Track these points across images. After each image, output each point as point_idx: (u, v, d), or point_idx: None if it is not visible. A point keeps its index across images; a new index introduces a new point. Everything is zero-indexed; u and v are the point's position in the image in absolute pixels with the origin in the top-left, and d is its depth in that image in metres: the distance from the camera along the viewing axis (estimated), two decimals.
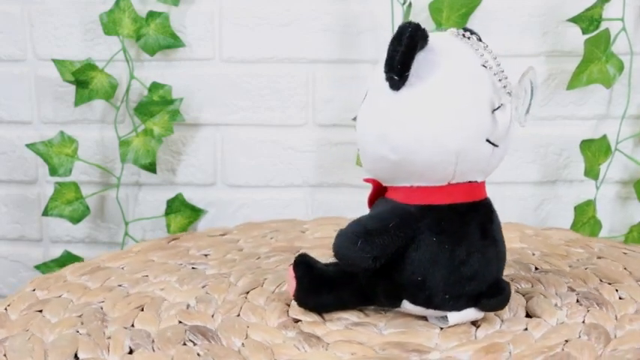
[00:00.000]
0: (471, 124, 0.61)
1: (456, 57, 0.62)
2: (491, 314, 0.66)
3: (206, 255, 0.85)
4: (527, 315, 0.68)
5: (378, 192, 0.66)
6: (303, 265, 0.67)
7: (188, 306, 0.70)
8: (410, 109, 0.60)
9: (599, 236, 1.03)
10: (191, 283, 0.76)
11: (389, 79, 0.60)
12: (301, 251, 0.73)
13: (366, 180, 0.67)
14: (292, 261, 0.68)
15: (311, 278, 0.67)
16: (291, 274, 0.67)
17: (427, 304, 0.63)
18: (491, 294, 0.63)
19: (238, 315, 0.69)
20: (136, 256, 0.85)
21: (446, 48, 0.62)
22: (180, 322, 0.67)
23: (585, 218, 1.03)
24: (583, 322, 0.66)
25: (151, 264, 0.82)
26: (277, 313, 0.68)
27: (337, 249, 0.61)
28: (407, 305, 0.64)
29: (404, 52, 0.59)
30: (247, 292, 0.73)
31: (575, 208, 1.02)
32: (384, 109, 0.61)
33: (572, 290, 0.72)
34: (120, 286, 0.76)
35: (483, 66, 0.62)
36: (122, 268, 0.81)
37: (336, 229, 0.63)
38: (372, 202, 0.66)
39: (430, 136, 0.60)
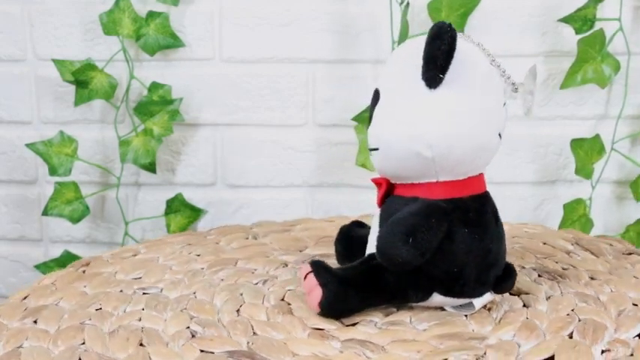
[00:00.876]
0: (496, 119, 0.64)
1: (475, 56, 0.64)
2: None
3: (137, 278, 0.77)
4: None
5: (388, 191, 0.67)
6: (325, 270, 0.64)
7: (194, 334, 0.63)
8: (447, 107, 0.62)
9: (591, 235, 1.03)
10: (167, 309, 0.69)
11: (430, 77, 0.62)
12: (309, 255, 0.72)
13: (376, 180, 0.67)
14: (302, 270, 0.65)
15: (338, 283, 0.64)
16: (312, 282, 0.64)
17: (460, 294, 0.65)
18: (506, 277, 0.66)
19: (255, 334, 0.63)
20: (63, 291, 0.74)
21: (463, 48, 0.63)
22: (211, 351, 0.60)
23: (575, 216, 1.03)
24: (561, 293, 0.71)
25: (87, 296, 0.72)
26: (299, 324, 0.64)
27: (387, 250, 0.61)
28: (436, 297, 0.66)
29: (447, 51, 0.60)
30: (238, 310, 0.68)
31: (564, 206, 1.03)
32: (418, 108, 0.62)
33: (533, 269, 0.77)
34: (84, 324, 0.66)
35: (491, 64, 0.65)
36: (56, 304, 0.70)
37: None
38: (382, 200, 0.67)
39: (466, 132, 0.62)
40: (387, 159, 0.65)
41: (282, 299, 0.70)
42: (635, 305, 0.67)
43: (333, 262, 0.73)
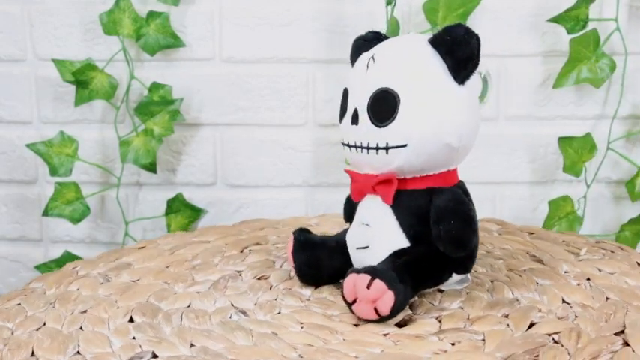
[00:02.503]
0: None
1: None
2: None
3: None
4: None
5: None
6: (389, 273, 0.64)
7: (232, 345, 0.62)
8: (470, 100, 0.68)
9: (582, 233, 1.04)
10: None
11: (466, 75, 0.66)
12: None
13: (386, 177, 0.68)
14: (361, 278, 0.64)
15: (401, 283, 0.64)
16: (381, 287, 0.63)
17: (468, 270, 0.71)
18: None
19: (276, 335, 0.64)
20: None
21: None
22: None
23: (562, 214, 1.03)
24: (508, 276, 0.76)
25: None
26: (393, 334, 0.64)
27: (465, 241, 0.66)
28: (454, 277, 0.71)
29: (479, 48, 0.66)
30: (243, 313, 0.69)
31: (550, 202, 1.03)
32: (450, 102, 0.66)
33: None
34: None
35: None
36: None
37: None
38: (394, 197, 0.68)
39: (479, 122, 0.70)
40: (416, 154, 0.66)
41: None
42: None
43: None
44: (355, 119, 0.67)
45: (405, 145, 0.66)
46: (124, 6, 1.02)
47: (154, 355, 0.60)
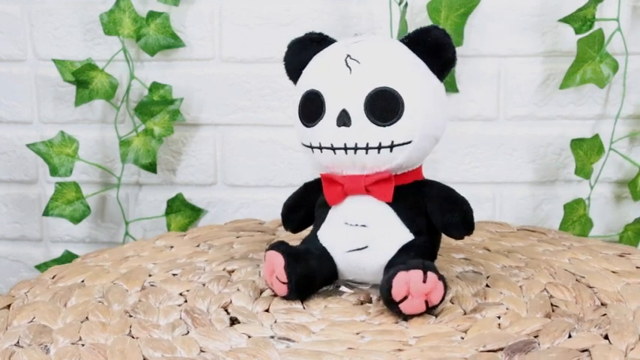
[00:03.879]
0: None
1: None
2: None
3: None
4: None
5: None
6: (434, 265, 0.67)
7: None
8: (444, 96, 0.71)
9: (589, 235, 1.04)
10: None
11: (447, 74, 0.71)
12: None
13: (381, 177, 0.68)
14: (414, 274, 0.65)
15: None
16: (434, 279, 0.65)
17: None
18: None
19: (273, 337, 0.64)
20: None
21: None
22: None
23: (575, 217, 1.03)
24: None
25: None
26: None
27: (473, 223, 0.71)
28: None
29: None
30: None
31: (565, 206, 1.03)
32: (437, 97, 0.70)
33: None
34: None
35: None
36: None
37: None
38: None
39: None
40: (417, 150, 0.69)
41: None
42: None
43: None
44: (345, 120, 0.67)
45: (409, 142, 0.67)
46: (124, 6, 1.02)
47: None
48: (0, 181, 1.11)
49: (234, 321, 0.67)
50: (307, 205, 0.75)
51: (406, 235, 0.69)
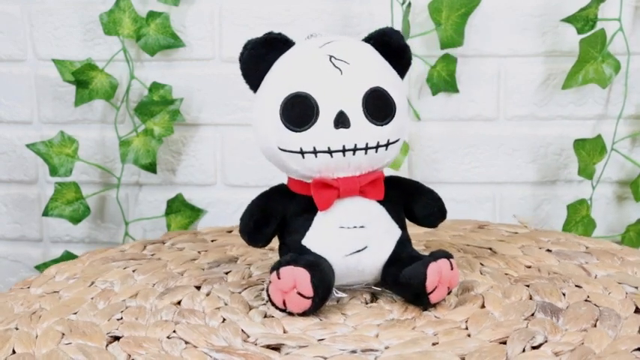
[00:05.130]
0: None
1: None
2: None
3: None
4: None
5: None
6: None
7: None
8: None
9: (592, 235, 1.03)
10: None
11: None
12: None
13: (375, 176, 0.69)
14: (443, 263, 0.66)
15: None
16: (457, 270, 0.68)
17: None
18: None
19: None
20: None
21: None
22: None
23: (578, 217, 1.03)
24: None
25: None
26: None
27: (445, 209, 0.73)
28: None
29: None
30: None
31: (568, 207, 1.03)
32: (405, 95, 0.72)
33: None
34: None
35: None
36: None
37: None
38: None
39: None
40: (400, 146, 0.70)
41: None
42: None
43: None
44: (343, 122, 0.66)
45: (398, 140, 0.69)
46: (124, 6, 1.02)
47: None
48: (0, 181, 1.11)
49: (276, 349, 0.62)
50: (276, 217, 0.70)
51: (397, 231, 0.70)
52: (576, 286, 0.72)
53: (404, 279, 0.67)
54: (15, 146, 1.09)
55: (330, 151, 0.66)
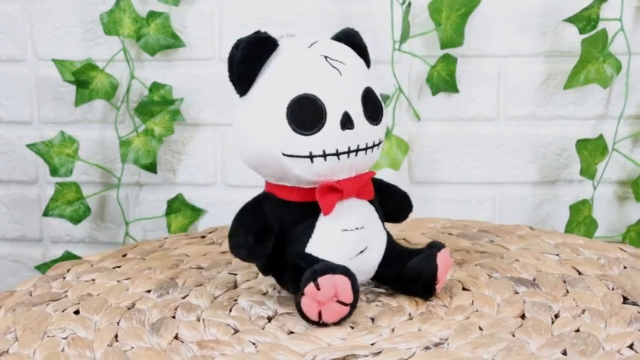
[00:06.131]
0: None
1: None
2: None
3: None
4: None
5: None
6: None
7: None
8: None
9: (594, 236, 1.03)
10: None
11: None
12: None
13: (369, 176, 0.69)
14: (446, 253, 0.68)
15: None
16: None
17: None
18: None
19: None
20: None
21: None
22: None
23: (581, 218, 1.03)
24: None
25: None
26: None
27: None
28: None
29: None
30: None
31: (571, 207, 1.02)
32: None
33: None
34: None
35: None
36: None
37: None
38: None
39: None
40: (382, 147, 0.71)
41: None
42: None
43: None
44: (349, 123, 0.65)
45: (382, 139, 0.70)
46: (125, 6, 1.02)
47: None
48: (0, 181, 1.11)
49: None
50: (274, 228, 0.67)
51: (384, 228, 0.71)
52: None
53: (413, 272, 0.68)
54: (15, 146, 1.09)
55: (337, 154, 0.65)
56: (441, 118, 1.05)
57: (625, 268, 0.76)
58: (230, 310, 0.68)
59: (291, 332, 0.64)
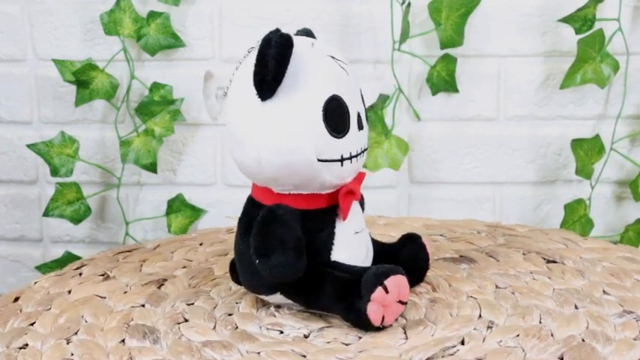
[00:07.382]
0: None
1: None
2: None
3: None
4: None
5: None
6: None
7: None
8: None
9: (589, 235, 1.03)
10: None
11: None
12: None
13: (362, 177, 0.69)
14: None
15: None
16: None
17: None
18: None
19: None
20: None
21: None
22: None
23: (576, 217, 1.03)
24: None
25: None
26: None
27: None
28: None
29: None
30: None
31: (565, 206, 1.03)
32: None
33: None
34: None
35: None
36: None
37: None
38: None
39: None
40: None
41: None
42: None
43: None
44: (361, 124, 0.65)
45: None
46: (125, 6, 1.02)
47: None
48: (0, 181, 1.11)
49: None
50: (304, 240, 0.64)
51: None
52: None
53: (411, 263, 0.68)
54: (15, 146, 1.09)
55: (357, 155, 0.64)
56: (441, 118, 1.05)
57: None
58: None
59: (347, 344, 0.62)
